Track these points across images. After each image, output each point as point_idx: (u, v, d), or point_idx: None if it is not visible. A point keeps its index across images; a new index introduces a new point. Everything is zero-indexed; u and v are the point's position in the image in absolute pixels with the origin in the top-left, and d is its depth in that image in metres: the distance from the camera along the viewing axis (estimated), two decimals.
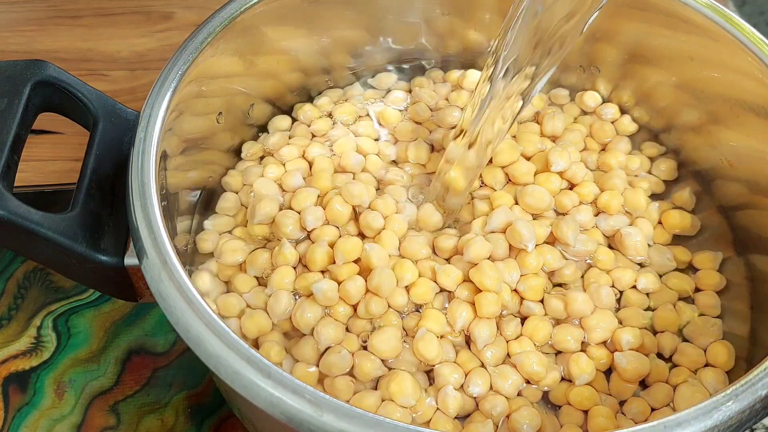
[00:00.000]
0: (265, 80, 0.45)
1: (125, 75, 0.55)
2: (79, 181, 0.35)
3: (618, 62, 0.46)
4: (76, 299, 0.45)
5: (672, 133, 0.45)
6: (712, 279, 0.40)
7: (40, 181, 0.49)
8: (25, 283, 0.46)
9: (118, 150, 0.36)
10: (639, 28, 0.43)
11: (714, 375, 0.36)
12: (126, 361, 0.43)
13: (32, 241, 0.32)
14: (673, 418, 0.27)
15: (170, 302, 0.30)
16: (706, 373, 0.36)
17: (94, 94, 0.37)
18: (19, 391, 0.42)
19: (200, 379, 0.42)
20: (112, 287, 0.35)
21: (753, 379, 0.28)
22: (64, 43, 0.57)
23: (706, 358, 0.37)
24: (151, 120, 0.35)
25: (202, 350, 0.29)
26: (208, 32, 0.39)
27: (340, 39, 0.47)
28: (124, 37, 0.57)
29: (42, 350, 0.43)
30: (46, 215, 0.32)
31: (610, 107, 0.47)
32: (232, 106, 0.44)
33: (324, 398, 0.27)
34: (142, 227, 0.32)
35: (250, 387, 0.28)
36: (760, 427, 0.42)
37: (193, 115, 0.39)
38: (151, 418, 0.41)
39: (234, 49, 0.41)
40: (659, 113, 0.46)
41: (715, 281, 0.40)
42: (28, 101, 0.34)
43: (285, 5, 0.42)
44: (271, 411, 0.27)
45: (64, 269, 0.35)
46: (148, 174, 0.33)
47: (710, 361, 0.37)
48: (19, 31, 0.57)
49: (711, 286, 0.40)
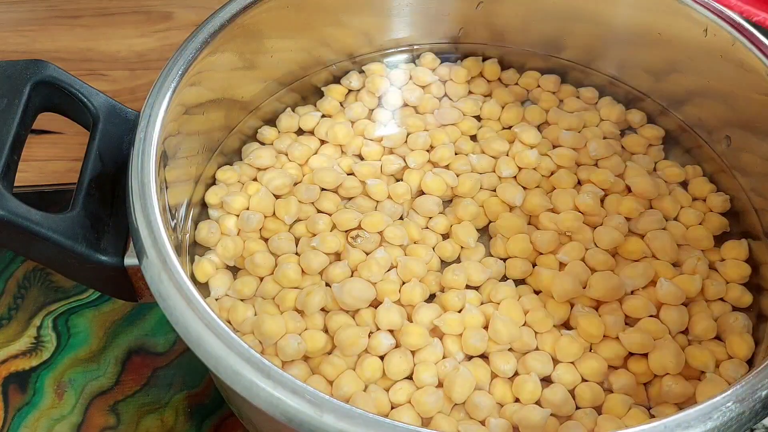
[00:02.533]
0: (266, 80, 0.45)
1: (125, 75, 0.55)
2: (79, 181, 0.35)
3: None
4: (76, 299, 0.45)
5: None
6: (740, 269, 0.40)
7: (40, 181, 0.49)
8: (25, 283, 0.46)
9: (118, 150, 0.36)
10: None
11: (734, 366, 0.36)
12: (126, 361, 0.43)
13: (32, 241, 0.32)
14: (674, 418, 0.27)
15: (170, 302, 0.30)
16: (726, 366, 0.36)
17: (94, 94, 0.37)
18: (19, 391, 0.42)
19: (200, 379, 0.42)
20: (112, 287, 0.35)
21: (753, 380, 0.29)
22: (64, 43, 0.57)
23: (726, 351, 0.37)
24: (151, 120, 0.35)
25: (202, 350, 0.29)
26: (208, 32, 0.39)
27: (340, 39, 0.47)
28: (124, 37, 0.57)
29: (42, 350, 0.43)
30: (46, 215, 0.32)
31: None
32: (233, 105, 0.44)
33: (324, 398, 0.27)
34: (142, 227, 0.32)
35: (250, 387, 0.28)
36: (760, 427, 0.42)
37: (193, 115, 0.39)
38: (151, 418, 0.41)
39: (234, 49, 0.41)
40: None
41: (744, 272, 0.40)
42: (28, 101, 0.34)
43: (285, 5, 0.42)
44: (271, 411, 0.27)
45: (64, 269, 0.35)
46: (148, 174, 0.33)
47: (731, 353, 0.37)
48: (19, 31, 0.57)
49: (739, 278, 0.40)
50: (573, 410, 0.35)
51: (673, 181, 0.44)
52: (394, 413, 0.35)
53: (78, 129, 0.38)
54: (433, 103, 0.47)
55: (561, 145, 0.45)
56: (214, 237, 0.40)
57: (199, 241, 0.40)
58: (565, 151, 0.44)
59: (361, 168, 0.43)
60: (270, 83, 0.46)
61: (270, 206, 0.41)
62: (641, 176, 0.43)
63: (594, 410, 0.35)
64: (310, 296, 0.37)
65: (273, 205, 0.41)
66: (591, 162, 0.44)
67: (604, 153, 0.44)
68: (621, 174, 0.44)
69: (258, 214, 0.41)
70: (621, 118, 0.47)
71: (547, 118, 0.47)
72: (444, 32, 0.49)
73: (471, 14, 0.48)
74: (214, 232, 0.40)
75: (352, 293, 0.37)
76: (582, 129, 0.46)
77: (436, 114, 0.46)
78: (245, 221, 0.40)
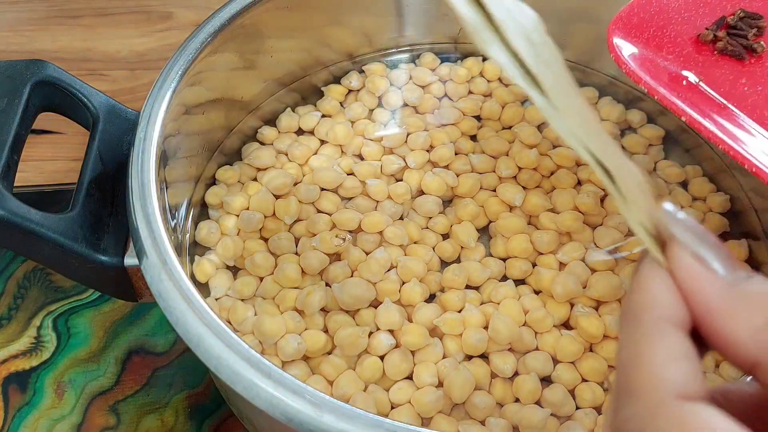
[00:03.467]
0: (266, 80, 0.45)
1: (125, 75, 0.55)
2: (79, 181, 0.35)
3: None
4: (76, 299, 0.45)
5: None
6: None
7: (40, 181, 0.49)
8: (25, 283, 0.46)
9: (118, 150, 0.36)
10: None
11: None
12: (126, 361, 0.43)
13: (32, 241, 0.32)
14: None
15: (170, 302, 0.30)
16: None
17: (94, 94, 0.37)
18: (19, 391, 0.42)
19: (200, 379, 0.42)
20: (112, 287, 0.35)
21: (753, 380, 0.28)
22: (64, 43, 0.57)
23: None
24: (151, 120, 0.35)
25: (202, 350, 0.29)
26: (208, 32, 0.39)
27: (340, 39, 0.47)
28: (124, 37, 0.57)
29: (42, 350, 0.43)
30: (46, 215, 0.32)
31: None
32: (233, 105, 0.44)
33: (324, 398, 0.27)
34: (142, 227, 0.32)
35: (250, 387, 0.27)
36: None
37: (193, 115, 0.39)
38: (151, 418, 0.41)
39: (234, 49, 0.41)
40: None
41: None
42: (28, 101, 0.34)
43: (285, 5, 0.42)
44: (271, 411, 0.27)
45: (64, 269, 0.35)
46: (148, 174, 0.33)
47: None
48: (19, 31, 0.57)
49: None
50: (573, 410, 0.35)
51: (673, 181, 0.44)
52: (394, 413, 0.35)
53: (78, 129, 0.38)
54: (433, 103, 0.47)
55: (561, 145, 0.45)
56: (214, 237, 0.40)
57: (199, 241, 0.40)
58: (565, 151, 0.44)
59: (361, 168, 0.43)
60: (270, 83, 0.46)
61: (270, 206, 0.41)
62: None
63: (594, 410, 0.35)
64: (310, 296, 0.37)
65: (273, 205, 0.41)
66: None
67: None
68: None
69: (258, 214, 0.41)
70: (621, 118, 0.47)
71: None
72: (444, 32, 0.49)
73: None
74: (214, 232, 0.40)
75: (352, 293, 0.37)
76: None
77: (436, 114, 0.46)
78: (245, 221, 0.40)
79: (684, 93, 0.33)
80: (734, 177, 0.43)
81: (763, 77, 0.35)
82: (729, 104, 0.33)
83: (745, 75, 0.35)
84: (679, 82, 0.34)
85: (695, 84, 0.34)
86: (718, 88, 0.34)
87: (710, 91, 0.33)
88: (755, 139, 0.32)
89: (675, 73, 0.34)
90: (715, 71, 0.35)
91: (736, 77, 0.34)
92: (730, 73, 0.35)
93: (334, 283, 0.38)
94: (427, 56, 0.49)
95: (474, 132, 0.46)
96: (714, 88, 0.34)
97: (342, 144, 0.45)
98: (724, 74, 0.35)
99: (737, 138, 0.31)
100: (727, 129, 0.32)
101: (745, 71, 0.35)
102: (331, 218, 0.41)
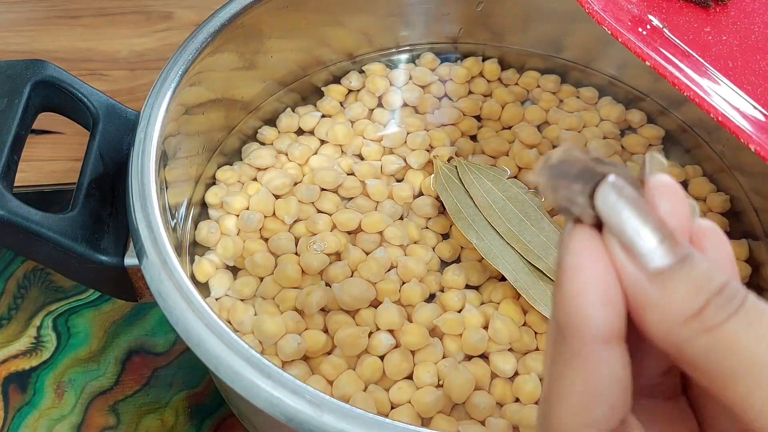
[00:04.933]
0: (266, 80, 0.45)
1: (125, 75, 0.55)
2: (79, 181, 0.35)
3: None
4: (76, 299, 0.45)
5: None
6: (740, 270, 0.40)
7: (40, 181, 0.49)
8: (25, 283, 0.46)
9: (118, 150, 0.36)
10: None
11: None
12: (126, 361, 0.43)
13: (32, 241, 0.32)
14: None
15: (170, 302, 0.30)
16: None
17: (94, 94, 0.37)
18: (19, 391, 0.42)
19: (200, 379, 0.42)
20: (112, 287, 0.35)
21: None
22: (64, 43, 0.57)
23: None
24: (151, 120, 0.35)
25: (202, 350, 0.29)
26: (208, 32, 0.39)
27: (340, 39, 0.47)
28: (124, 37, 0.57)
29: (42, 350, 0.43)
30: (46, 215, 0.32)
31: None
32: (233, 105, 0.44)
33: (324, 398, 0.27)
34: (142, 227, 0.32)
35: (250, 387, 0.27)
36: None
37: (193, 115, 0.39)
38: (150, 418, 0.41)
39: (234, 49, 0.41)
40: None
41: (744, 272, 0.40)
42: (28, 101, 0.34)
43: (285, 5, 0.42)
44: (271, 411, 0.27)
45: (64, 269, 0.34)
46: (148, 174, 0.33)
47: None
48: (19, 31, 0.57)
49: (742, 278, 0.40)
50: None
51: None
52: (394, 413, 0.35)
53: (78, 129, 0.38)
54: (433, 103, 0.47)
55: (561, 145, 0.45)
56: (214, 237, 0.40)
57: (199, 241, 0.40)
58: None
59: (361, 168, 0.43)
60: (270, 83, 0.46)
61: (270, 206, 0.41)
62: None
63: None
64: (310, 296, 0.37)
65: (273, 205, 0.41)
66: None
67: (604, 153, 0.44)
68: None
69: (258, 214, 0.41)
70: (621, 118, 0.47)
71: (547, 118, 0.47)
72: (444, 32, 0.49)
73: (471, 14, 0.48)
74: (214, 232, 0.40)
75: (352, 293, 0.37)
76: (582, 129, 0.46)
77: (435, 114, 0.46)
78: (245, 221, 0.40)
79: (647, 38, 0.31)
80: (734, 177, 0.43)
81: (728, 27, 0.34)
82: (693, 52, 0.32)
83: (709, 23, 0.34)
84: (643, 26, 0.32)
85: (660, 29, 0.33)
86: (682, 36, 0.32)
87: (674, 38, 0.32)
88: (720, 87, 0.31)
89: (639, 17, 0.33)
90: (680, 18, 0.33)
91: (700, 25, 0.33)
92: (694, 21, 0.33)
93: (334, 283, 0.38)
94: (426, 56, 0.49)
95: (474, 132, 0.46)
96: (678, 35, 0.32)
97: (342, 144, 0.45)
98: (689, 22, 0.33)
99: (702, 86, 0.30)
100: (692, 77, 0.31)
101: (710, 20, 0.34)
102: (331, 218, 0.41)
